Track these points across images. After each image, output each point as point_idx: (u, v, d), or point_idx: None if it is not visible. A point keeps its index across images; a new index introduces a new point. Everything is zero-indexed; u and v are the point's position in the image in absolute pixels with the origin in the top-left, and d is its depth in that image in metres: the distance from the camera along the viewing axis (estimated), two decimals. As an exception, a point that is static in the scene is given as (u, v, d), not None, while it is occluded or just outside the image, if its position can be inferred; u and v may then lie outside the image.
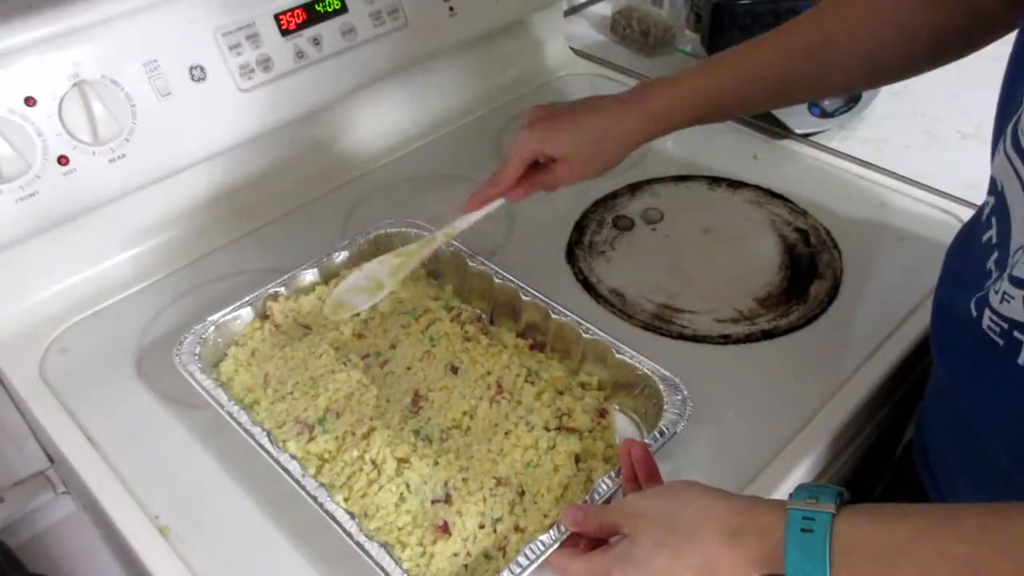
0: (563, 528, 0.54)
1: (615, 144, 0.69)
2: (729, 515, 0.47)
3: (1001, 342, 0.48)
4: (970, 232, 0.57)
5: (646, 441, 0.58)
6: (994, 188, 0.50)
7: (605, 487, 0.56)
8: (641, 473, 0.56)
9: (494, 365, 0.67)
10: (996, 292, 0.48)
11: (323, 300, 0.74)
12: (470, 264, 0.75)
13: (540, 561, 0.52)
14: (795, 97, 0.73)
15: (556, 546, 0.53)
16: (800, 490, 0.47)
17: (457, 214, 0.71)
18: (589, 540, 0.53)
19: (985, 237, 0.51)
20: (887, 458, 0.77)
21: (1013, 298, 0.46)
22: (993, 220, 0.50)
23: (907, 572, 0.42)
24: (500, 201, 0.71)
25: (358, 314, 0.71)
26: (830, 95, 0.91)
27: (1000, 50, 0.56)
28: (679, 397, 0.62)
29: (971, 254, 0.54)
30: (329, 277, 0.76)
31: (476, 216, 0.71)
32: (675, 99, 0.68)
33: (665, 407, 0.61)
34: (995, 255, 0.50)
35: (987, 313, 0.49)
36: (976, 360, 0.51)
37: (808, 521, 0.44)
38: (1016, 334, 0.47)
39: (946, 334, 0.57)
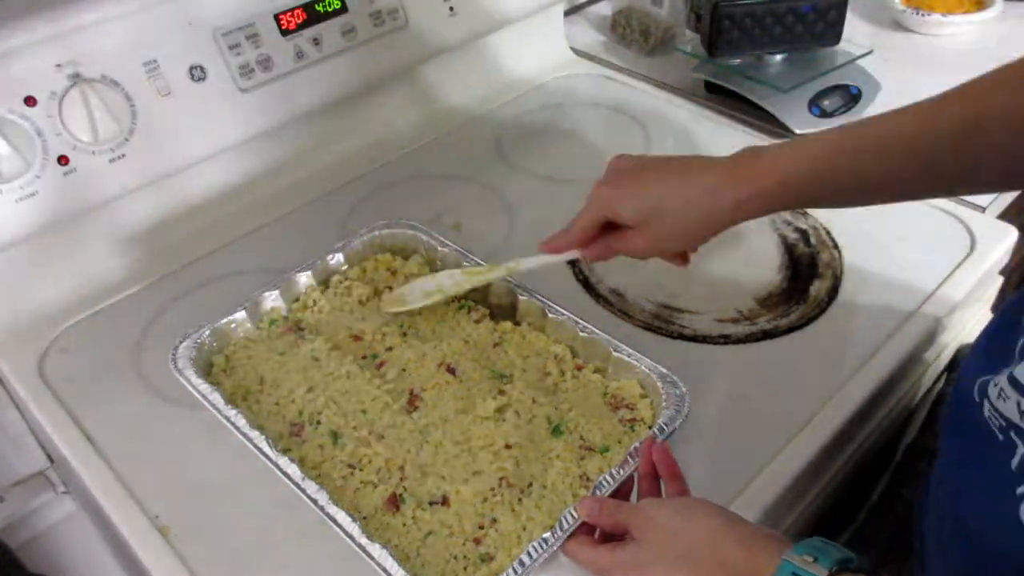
0: (565, 526, 0.54)
1: (703, 221, 0.57)
2: (727, 545, 0.47)
3: (1000, 437, 0.46)
4: (1014, 308, 0.50)
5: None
6: None
7: (607, 484, 0.56)
8: (663, 472, 0.56)
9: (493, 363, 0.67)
10: (995, 385, 0.46)
11: (317, 303, 0.74)
12: (465, 265, 0.75)
13: (542, 560, 0.52)
14: (942, 187, 0.58)
15: (567, 535, 0.54)
16: (806, 544, 0.45)
17: (529, 252, 0.68)
18: (603, 532, 0.54)
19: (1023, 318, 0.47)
20: (888, 459, 0.77)
21: (1008, 398, 0.45)
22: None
23: None
24: (575, 253, 0.64)
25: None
26: (984, 189, 0.75)
27: (1001, 53, 0.55)
28: (677, 394, 0.62)
29: (1001, 331, 0.49)
30: (324, 279, 0.76)
31: (546, 260, 0.66)
32: (789, 177, 0.55)
33: (664, 404, 0.62)
34: (1021, 341, 0.46)
35: (987, 403, 0.47)
36: (977, 446, 0.49)
37: None
38: (1012, 435, 0.45)
39: (957, 411, 0.54)
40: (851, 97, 0.99)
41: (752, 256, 0.81)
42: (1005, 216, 0.86)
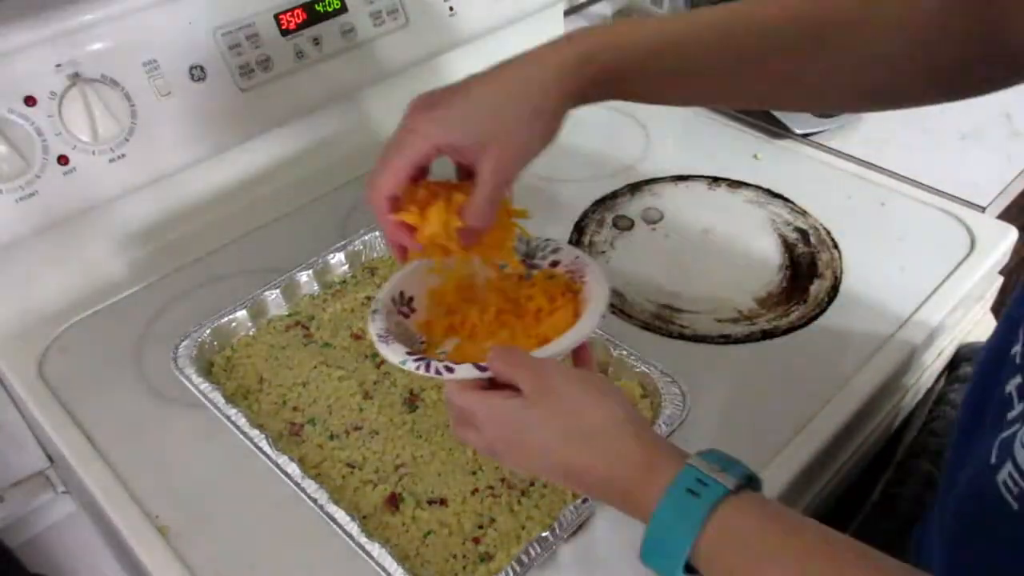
0: (564, 525, 0.54)
1: (540, 105, 0.50)
2: (627, 439, 0.43)
3: (1015, 505, 0.38)
4: (997, 348, 0.45)
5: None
6: None
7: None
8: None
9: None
10: (1022, 444, 0.38)
11: (315, 299, 0.74)
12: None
13: (541, 559, 0.52)
14: (768, 100, 0.58)
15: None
16: (712, 453, 0.43)
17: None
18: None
19: (1012, 351, 0.42)
20: (888, 458, 0.77)
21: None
22: (1020, 332, 0.41)
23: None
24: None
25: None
26: (800, 106, 0.71)
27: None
28: (677, 394, 0.62)
29: (995, 376, 0.43)
30: (324, 278, 0.76)
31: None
32: (593, 47, 0.51)
33: (663, 403, 0.62)
34: (1018, 379, 0.40)
35: (1008, 466, 0.39)
36: (984, 516, 0.42)
37: (699, 484, 0.40)
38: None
39: (957, 475, 0.47)
40: (851, 97, 0.98)
41: (752, 256, 0.81)
42: (1005, 216, 0.86)
